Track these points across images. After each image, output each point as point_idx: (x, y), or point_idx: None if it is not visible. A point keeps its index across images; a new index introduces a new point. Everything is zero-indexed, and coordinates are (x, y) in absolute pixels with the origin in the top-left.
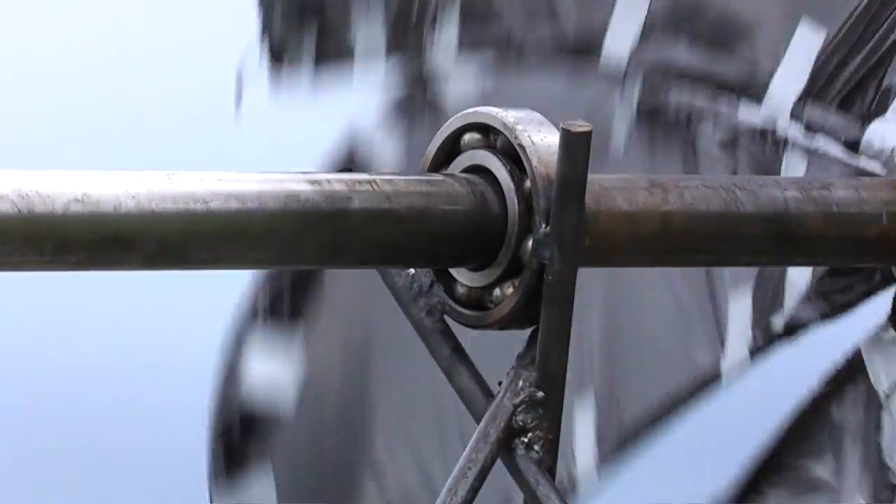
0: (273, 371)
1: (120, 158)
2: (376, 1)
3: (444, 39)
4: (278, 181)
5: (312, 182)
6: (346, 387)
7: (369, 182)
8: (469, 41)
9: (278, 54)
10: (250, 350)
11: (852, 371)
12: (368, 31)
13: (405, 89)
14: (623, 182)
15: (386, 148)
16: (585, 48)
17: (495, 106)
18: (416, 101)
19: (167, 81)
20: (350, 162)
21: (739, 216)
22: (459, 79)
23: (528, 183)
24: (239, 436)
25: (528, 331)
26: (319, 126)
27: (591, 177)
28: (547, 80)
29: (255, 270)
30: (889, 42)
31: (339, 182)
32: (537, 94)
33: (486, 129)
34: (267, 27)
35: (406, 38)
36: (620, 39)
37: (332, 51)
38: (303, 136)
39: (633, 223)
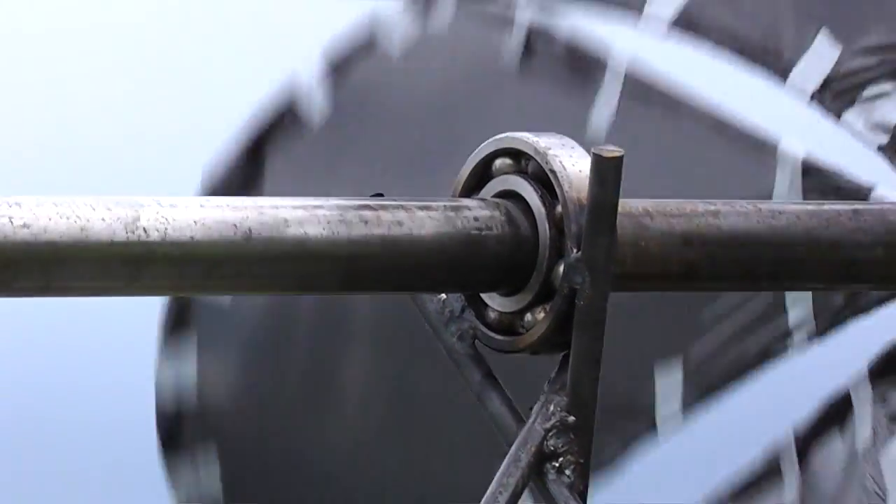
0: None
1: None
2: None
3: None
4: (308, 205)
5: (342, 207)
6: None
7: (400, 206)
8: None
9: None
10: None
11: None
12: None
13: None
14: (654, 206)
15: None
16: None
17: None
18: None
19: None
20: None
21: (773, 240)
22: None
23: (559, 208)
24: None
25: (560, 356)
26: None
27: (622, 201)
28: None
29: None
30: None
31: (370, 207)
32: None
33: (517, 155)
34: None
35: None
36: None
37: None
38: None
39: (664, 247)
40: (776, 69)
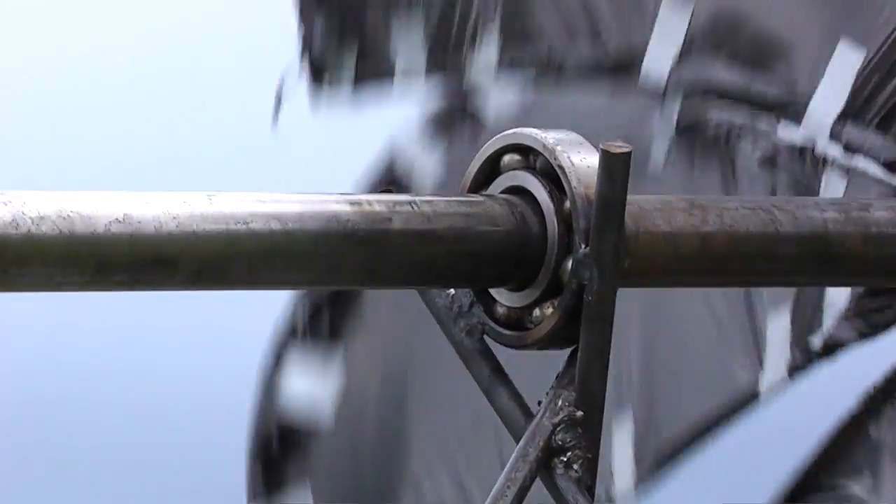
0: (311, 387)
1: (159, 177)
2: (416, 20)
3: (484, 58)
4: (319, 202)
5: (353, 203)
6: (383, 402)
7: (409, 203)
8: (509, 59)
9: (318, 72)
10: (289, 366)
11: (890, 389)
12: (408, 50)
13: (445, 104)
14: (662, 203)
15: (426, 162)
16: (625, 65)
17: (536, 124)
18: (456, 115)
19: (205, 99)
20: (390, 176)
21: (779, 237)
22: (500, 93)
23: (567, 204)
24: (278, 453)
25: (568, 350)
26: (358, 143)
27: (630, 197)
28: (587, 96)
29: (295, 290)
30: None
31: (379, 203)
32: (577, 110)
33: (525, 151)
34: (307, 44)
35: (446, 56)
36: (660, 57)
37: (372, 69)
38: (342, 153)
39: (672, 244)
40: None
